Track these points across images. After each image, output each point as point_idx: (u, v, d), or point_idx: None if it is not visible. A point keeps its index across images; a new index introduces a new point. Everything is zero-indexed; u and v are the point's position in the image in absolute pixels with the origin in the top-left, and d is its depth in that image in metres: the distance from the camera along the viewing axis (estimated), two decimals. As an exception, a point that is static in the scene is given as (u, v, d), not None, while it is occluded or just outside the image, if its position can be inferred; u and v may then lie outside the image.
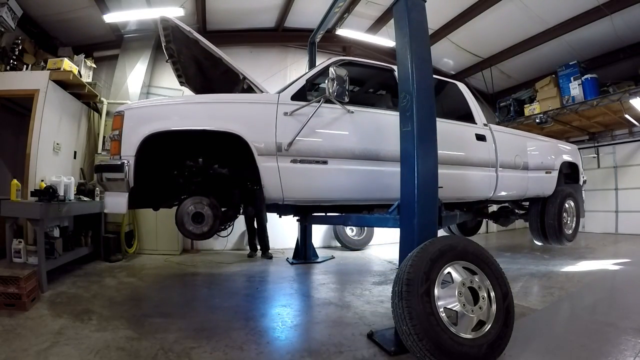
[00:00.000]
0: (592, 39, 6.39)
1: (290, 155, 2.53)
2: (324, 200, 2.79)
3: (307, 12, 6.18)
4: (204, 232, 2.52)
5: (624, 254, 5.56)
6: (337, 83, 2.38)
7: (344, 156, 2.68)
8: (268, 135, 2.51)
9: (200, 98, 2.83)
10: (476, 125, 3.53)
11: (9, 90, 4.36)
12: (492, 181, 3.46)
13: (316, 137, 2.63)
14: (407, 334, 1.85)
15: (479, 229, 5.69)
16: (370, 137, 2.79)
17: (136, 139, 2.39)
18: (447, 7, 6.02)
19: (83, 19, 5.66)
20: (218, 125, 2.46)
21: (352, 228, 6.77)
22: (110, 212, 2.51)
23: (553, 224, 4.01)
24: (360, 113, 2.82)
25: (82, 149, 5.34)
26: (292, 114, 2.57)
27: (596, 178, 8.37)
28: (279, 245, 6.31)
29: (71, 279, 3.83)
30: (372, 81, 3.63)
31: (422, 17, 2.50)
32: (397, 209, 2.41)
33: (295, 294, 3.65)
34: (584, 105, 6.59)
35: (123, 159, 2.38)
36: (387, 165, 2.76)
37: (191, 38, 2.85)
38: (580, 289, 3.63)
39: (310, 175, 2.60)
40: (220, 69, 3.08)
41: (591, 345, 2.25)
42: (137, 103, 3.09)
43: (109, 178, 2.41)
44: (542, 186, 3.96)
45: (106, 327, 2.53)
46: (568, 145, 4.65)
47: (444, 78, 3.80)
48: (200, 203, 2.51)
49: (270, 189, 2.54)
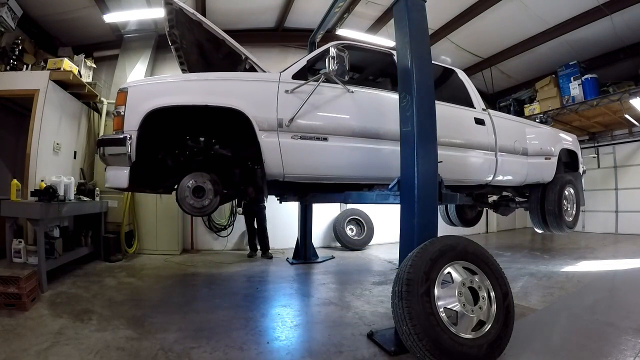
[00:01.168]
0: (592, 39, 6.38)
1: (291, 131, 2.55)
2: (324, 177, 2.81)
3: (307, 12, 6.18)
4: (204, 206, 2.52)
5: (624, 254, 5.56)
6: (337, 61, 2.40)
7: (344, 133, 2.71)
8: (269, 111, 2.53)
9: (203, 75, 2.87)
10: (475, 110, 3.56)
11: (9, 90, 4.35)
12: (491, 165, 3.49)
13: (317, 114, 2.66)
14: (407, 334, 1.85)
15: (479, 220, 5.67)
16: (369, 115, 2.82)
17: (139, 114, 2.41)
18: (447, 7, 6.02)
19: (83, 19, 5.66)
20: (220, 100, 2.48)
21: (352, 228, 6.78)
22: (111, 186, 2.51)
23: (553, 210, 4.01)
24: (360, 93, 2.86)
25: (82, 149, 5.34)
26: (293, 91, 2.60)
27: (596, 178, 8.37)
28: (279, 245, 6.31)
29: (71, 279, 3.83)
30: (373, 67, 3.64)
31: (422, 17, 2.50)
32: (397, 184, 2.43)
33: (295, 294, 3.65)
34: (584, 105, 6.59)
35: (125, 134, 2.39)
36: (386, 143, 2.80)
37: (195, 20, 2.88)
38: (580, 289, 3.63)
39: (311, 151, 2.62)
40: (222, 51, 3.12)
41: (591, 345, 2.25)
42: (141, 80, 3.13)
43: (111, 153, 2.43)
44: (542, 172, 3.98)
45: (106, 327, 2.53)
46: (567, 134, 4.67)
47: (444, 64, 3.81)
48: (201, 177, 2.53)
49: (271, 165, 2.55)
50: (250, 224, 5.72)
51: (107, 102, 5.66)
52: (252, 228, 5.73)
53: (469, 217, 5.47)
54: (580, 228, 8.67)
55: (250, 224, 5.72)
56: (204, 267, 4.84)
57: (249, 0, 5.91)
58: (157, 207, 5.52)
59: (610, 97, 6.27)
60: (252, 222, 5.69)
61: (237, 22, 6.38)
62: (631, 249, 5.97)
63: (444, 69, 3.78)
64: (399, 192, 2.42)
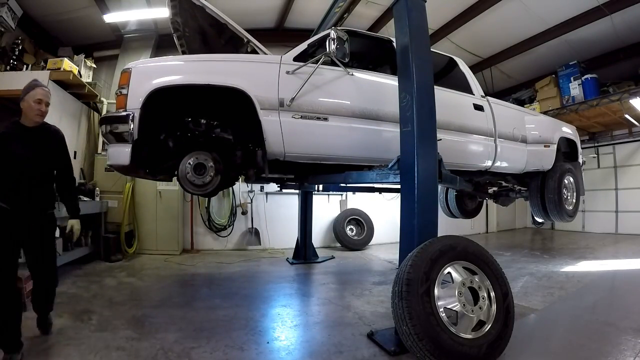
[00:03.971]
0: (592, 39, 6.38)
1: (292, 111, 2.58)
2: (324, 156, 2.83)
3: (307, 12, 6.17)
4: (205, 183, 2.52)
5: (624, 254, 5.56)
6: (338, 43, 2.42)
7: (344, 114, 2.74)
8: (270, 91, 2.56)
9: (206, 56, 2.90)
10: (474, 96, 3.60)
11: (9, 90, 4.35)
12: (490, 151, 3.52)
13: (317, 95, 2.69)
14: (407, 334, 1.85)
15: (479, 211, 5.67)
16: (369, 97, 2.86)
17: (142, 93, 2.43)
18: (447, 7, 6.01)
19: (83, 19, 5.66)
20: (221, 80, 2.50)
21: (352, 228, 6.78)
22: (113, 163, 2.52)
23: (553, 198, 4.02)
24: (360, 75, 2.90)
25: (82, 149, 5.34)
26: (294, 72, 2.63)
27: (596, 178, 8.36)
28: (279, 245, 6.32)
29: (71, 279, 3.83)
30: (372, 54, 3.66)
31: (422, 17, 2.50)
32: (397, 163, 2.45)
33: (295, 294, 3.65)
34: (584, 105, 6.58)
35: (128, 112, 2.41)
36: (385, 125, 2.83)
37: (198, 5, 2.92)
38: (580, 289, 3.63)
39: (311, 130, 2.65)
40: (225, 36, 3.17)
41: (591, 345, 2.25)
42: (144, 61, 3.15)
43: (114, 130, 2.44)
44: (541, 160, 4.00)
45: (106, 327, 2.53)
46: (566, 125, 4.69)
47: (442, 52, 3.83)
48: (203, 155, 2.55)
49: (272, 143, 2.57)
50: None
51: (107, 102, 5.66)
52: None
53: (469, 208, 5.45)
54: (580, 228, 8.67)
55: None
56: (203, 267, 4.84)
57: (249, 0, 5.91)
58: (157, 207, 5.52)
59: (610, 97, 6.26)
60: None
61: (237, 22, 6.24)
62: (631, 249, 5.97)
63: (444, 57, 3.81)
64: (398, 171, 2.44)
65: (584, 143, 8.52)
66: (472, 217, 5.76)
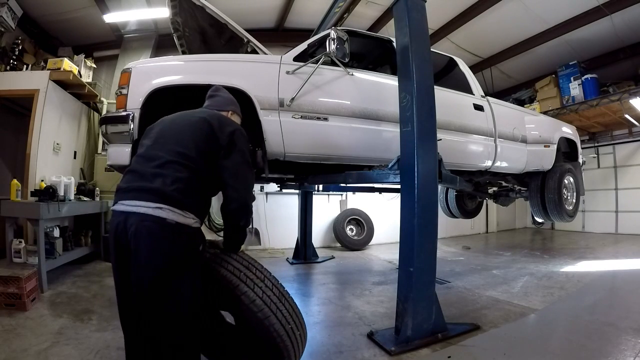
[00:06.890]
0: (592, 39, 6.38)
1: (292, 111, 2.59)
2: (324, 156, 2.83)
3: (307, 12, 6.17)
4: None
5: (624, 254, 5.55)
6: (338, 43, 2.43)
7: (344, 114, 2.74)
8: (270, 91, 2.57)
9: (206, 56, 2.91)
10: (474, 96, 3.61)
11: (9, 90, 4.36)
12: (490, 151, 3.53)
13: (317, 95, 2.69)
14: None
15: (479, 211, 5.68)
16: (369, 97, 2.86)
17: (142, 93, 2.43)
18: (447, 7, 6.01)
19: (83, 19, 5.65)
20: (222, 80, 2.48)
21: (352, 228, 6.78)
22: (113, 163, 2.52)
23: (553, 198, 4.02)
24: (359, 75, 2.90)
25: (82, 149, 5.34)
26: (294, 72, 2.64)
27: (596, 178, 8.35)
28: (279, 245, 6.32)
29: (71, 279, 3.83)
30: (372, 54, 3.67)
31: (422, 17, 2.51)
32: (397, 163, 2.46)
33: (295, 293, 3.64)
34: (584, 105, 6.58)
35: (129, 112, 2.42)
36: (385, 125, 2.84)
37: (198, 5, 2.93)
38: (580, 289, 3.63)
39: (311, 130, 2.65)
40: (225, 36, 3.18)
41: (591, 345, 2.25)
42: (145, 61, 3.15)
43: (114, 130, 2.45)
44: (541, 160, 4.01)
45: (106, 327, 2.53)
46: (566, 125, 4.69)
47: (442, 52, 3.83)
48: None
49: (272, 143, 2.58)
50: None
51: (107, 102, 5.65)
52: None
53: (469, 208, 5.46)
54: (580, 228, 8.67)
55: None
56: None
57: (249, 0, 5.91)
58: (157, 207, 5.50)
59: (610, 97, 6.26)
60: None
61: (237, 22, 6.24)
62: (631, 249, 5.97)
63: (444, 57, 3.82)
64: (398, 171, 2.45)
65: (584, 143, 8.53)
66: (472, 217, 5.76)
